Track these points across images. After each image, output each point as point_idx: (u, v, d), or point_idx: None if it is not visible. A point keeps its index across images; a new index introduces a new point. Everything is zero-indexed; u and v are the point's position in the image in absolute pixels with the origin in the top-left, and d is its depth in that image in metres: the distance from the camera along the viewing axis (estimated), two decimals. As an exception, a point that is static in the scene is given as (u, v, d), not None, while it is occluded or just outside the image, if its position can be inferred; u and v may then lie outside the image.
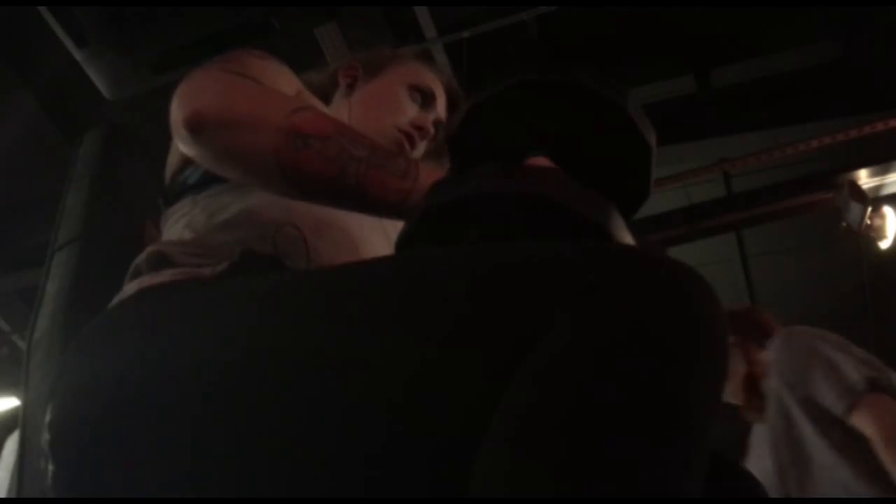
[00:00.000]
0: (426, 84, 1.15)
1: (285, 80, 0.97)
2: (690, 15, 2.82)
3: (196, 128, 0.77)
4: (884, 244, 3.04)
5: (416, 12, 2.57)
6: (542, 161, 0.76)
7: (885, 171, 3.06)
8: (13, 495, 0.89)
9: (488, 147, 0.83)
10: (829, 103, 3.02)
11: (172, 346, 0.69)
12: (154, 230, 1.07)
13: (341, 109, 1.13)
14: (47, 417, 0.71)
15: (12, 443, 1.99)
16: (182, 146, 0.81)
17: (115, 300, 0.82)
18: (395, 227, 0.98)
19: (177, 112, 0.79)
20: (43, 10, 1.98)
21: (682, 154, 3.14)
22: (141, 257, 0.85)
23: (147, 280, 0.80)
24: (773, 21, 2.85)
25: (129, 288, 0.81)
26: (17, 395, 3.17)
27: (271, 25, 2.02)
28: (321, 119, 0.77)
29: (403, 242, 0.71)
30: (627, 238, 0.67)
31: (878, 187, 3.08)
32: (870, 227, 2.95)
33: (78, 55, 2.05)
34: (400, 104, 1.12)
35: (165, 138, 0.81)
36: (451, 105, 1.18)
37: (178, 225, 0.92)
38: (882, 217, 2.98)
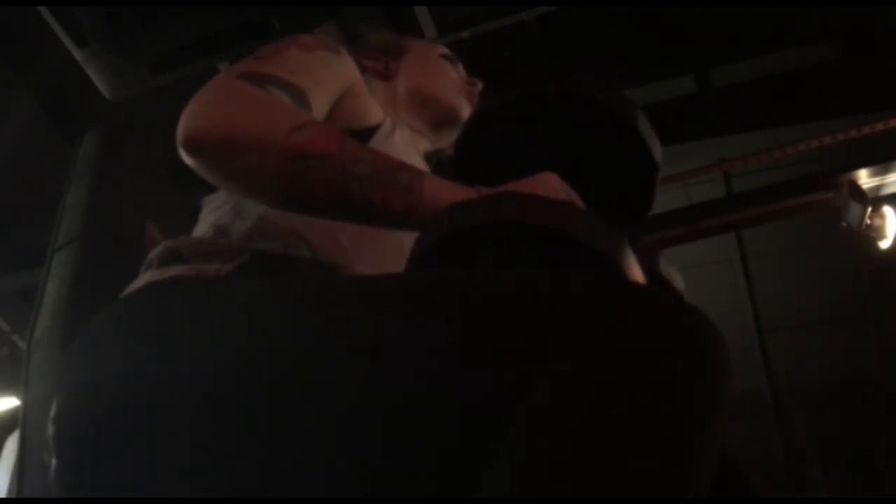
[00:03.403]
0: (447, 51, 1.21)
1: (333, 73, 0.95)
2: (690, 15, 2.82)
3: (193, 148, 0.76)
4: (884, 244, 3.03)
5: (416, 12, 2.56)
6: (550, 176, 0.76)
7: (885, 171, 3.05)
8: (13, 495, 0.89)
9: (495, 154, 0.82)
10: (829, 103, 3.01)
11: (172, 346, 0.69)
12: (154, 230, 1.07)
13: (387, 92, 1.14)
14: (52, 411, 0.72)
15: (12, 443, 1.99)
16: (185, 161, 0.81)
17: (125, 292, 0.82)
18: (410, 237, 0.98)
19: (180, 127, 0.78)
20: (43, 10, 1.98)
21: (682, 154, 3.14)
22: (156, 250, 0.86)
23: (156, 275, 0.81)
24: (773, 21, 2.85)
25: (139, 281, 0.82)
26: (17, 395, 3.17)
27: (271, 25, 2.02)
28: (323, 137, 0.75)
29: (416, 262, 0.71)
30: (637, 272, 0.67)
31: (878, 187, 3.07)
32: (870, 227, 2.94)
33: (78, 55, 2.05)
34: (448, 69, 1.19)
35: (165, 138, 0.81)
36: None
37: (209, 218, 0.93)
38: (882, 217, 2.98)
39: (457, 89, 1.16)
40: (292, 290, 0.72)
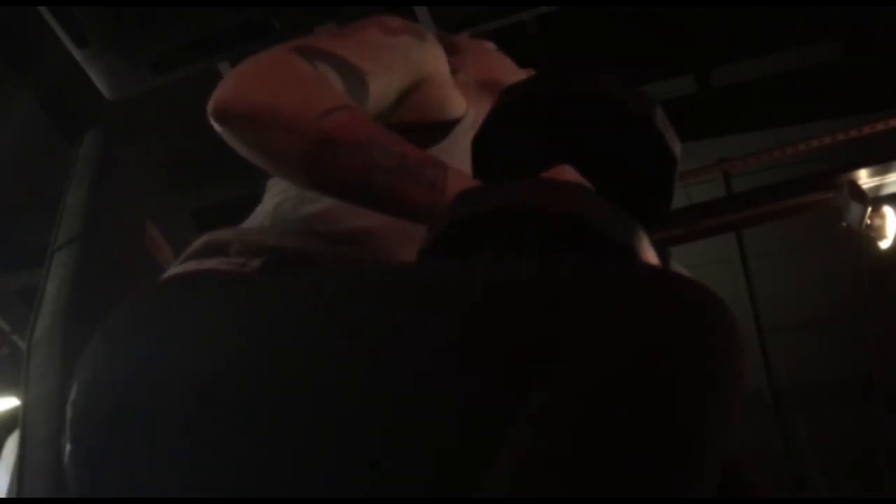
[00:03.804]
0: (496, 46, 1.23)
1: (411, 60, 0.92)
2: (690, 15, 2.82)
3: (220, 118, 0.74)
4: (884, 244, 3.04)
5: (416, 12, 2.56)
6: (566, 170, 0.75)
7: (885, 171, 3.05)
8: (13, 495, 0.89)
9: (512, 152, 0.82)
10: (829, 103, 3.01)
11: (175, 345, 0.70)
12: (154, 230, 1.07)
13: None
14: (71, 395, 0.72)
15: (12, 443, 1.99)
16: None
17: (163, 277, 0.83)
18: None
19: (215, 92, 0.76)
20: (43, 10, 1.98)
21: (682, 154, 3.14)
22: (200, 240, 0.86)
23: (191, 265, 0.82)
24: (773, 21, 2.85)
25: (171, 270, 0.83)
26: (17, 395, 3.17)
27: (271, 25, 2.02)
28: (354, 124, 0.73)
29: (426, 251, 0.71)
30: (652, 257, 0.66)
31: (878, 187, 3.07)
32: (870, 227, 2.94)
33: (78, 55, 2.05)
34: (506, 59, 1.20)
35: (165, 138, 0.81)
36: None
37: (273, 201, 0.92)
38: (882, 217, 2.98)
39: (520, 77, 1.15)
40: (296, 290, 0.72)
